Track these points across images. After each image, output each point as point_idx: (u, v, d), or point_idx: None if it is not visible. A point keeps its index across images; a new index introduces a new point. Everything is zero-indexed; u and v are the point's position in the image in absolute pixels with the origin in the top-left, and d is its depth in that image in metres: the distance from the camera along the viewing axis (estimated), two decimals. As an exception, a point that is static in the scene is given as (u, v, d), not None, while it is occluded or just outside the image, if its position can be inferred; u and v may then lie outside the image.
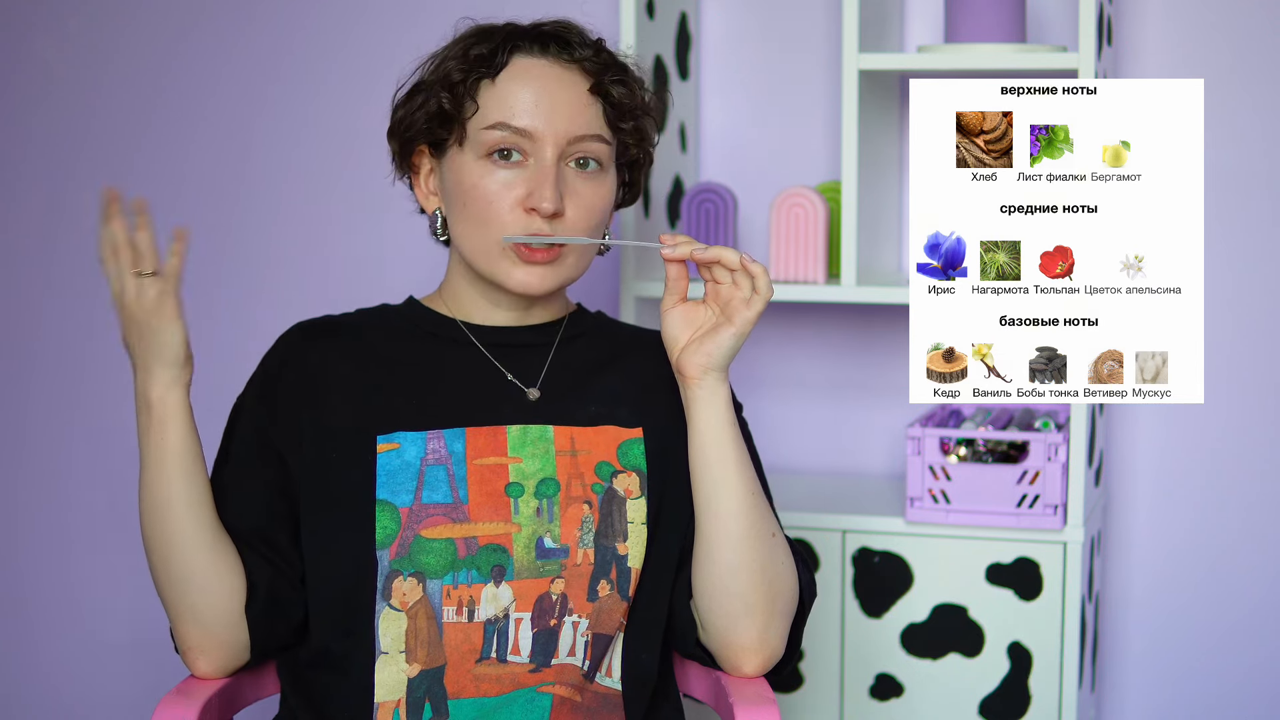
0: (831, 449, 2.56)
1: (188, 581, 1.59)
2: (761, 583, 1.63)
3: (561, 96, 1.65)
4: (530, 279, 1.64)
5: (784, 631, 1.66)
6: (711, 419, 1.62)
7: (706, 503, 1.63)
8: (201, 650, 1.62)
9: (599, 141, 1.66)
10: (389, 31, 2.61)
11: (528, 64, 1.66)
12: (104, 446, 2.82)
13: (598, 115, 1.67)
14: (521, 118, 1.63)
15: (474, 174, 1.65)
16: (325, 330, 1.72)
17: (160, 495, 1.58)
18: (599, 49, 1.70)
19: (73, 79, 2.77)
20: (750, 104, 2.56)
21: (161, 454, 1.58)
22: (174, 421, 1.58)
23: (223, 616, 1.60)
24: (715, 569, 1.63)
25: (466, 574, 1.60)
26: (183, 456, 1.58)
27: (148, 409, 1.58)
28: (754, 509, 1.63)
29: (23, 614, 2.87)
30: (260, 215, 2.72)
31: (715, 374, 1.62)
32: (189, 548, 1.59)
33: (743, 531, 1.62)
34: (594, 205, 1.66)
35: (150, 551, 1.60)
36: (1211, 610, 2.47)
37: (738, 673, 1.67)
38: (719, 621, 1.65)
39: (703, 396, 1.62)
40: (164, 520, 1.58)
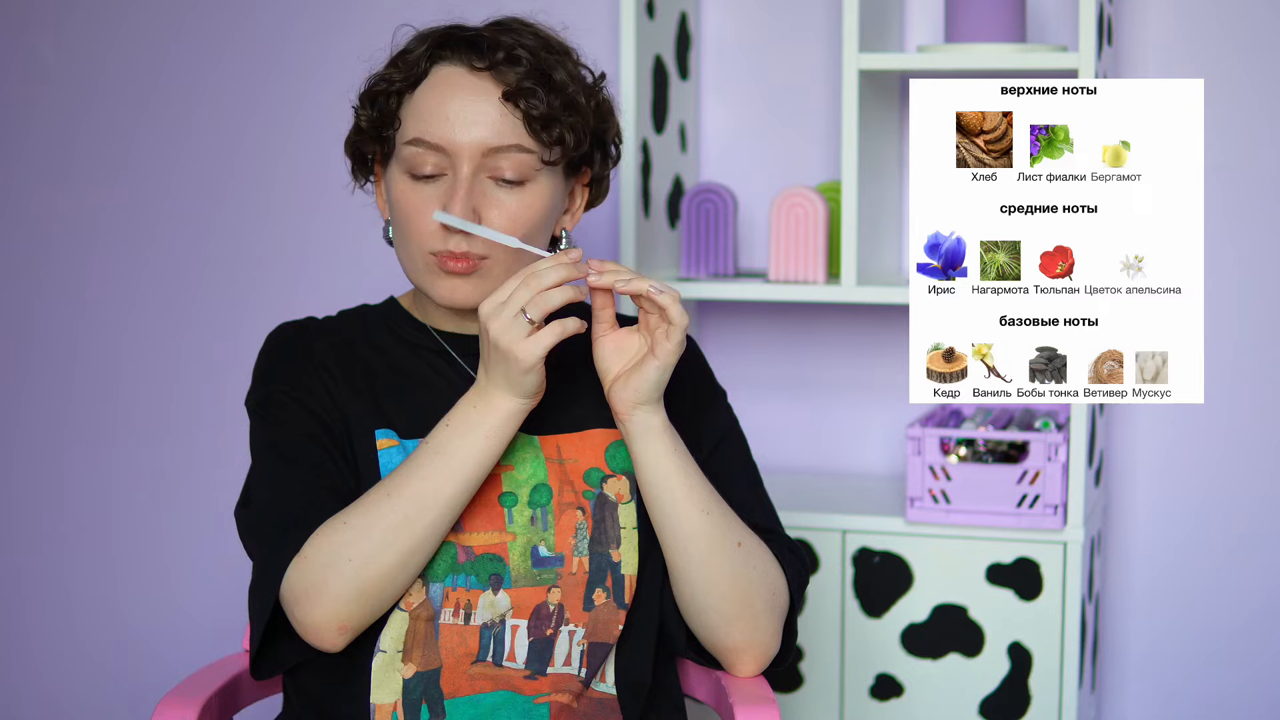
0: (832, 449, 2.56)
1: (406, 570, 1.55)
2: (733, 593, 1.62)
3: (475, 107, 1.60)
4: (455, 292, 1.61)
5: (774, 628, 1.65)
6: (649, 453, 1.60)
7: (662, 531, 1.62)
8: (354, 631, 1.56)
9: (519, 151, 1.60)
10: (385, 33, 2.61)
11: (446, 74, 1.62)
12: (102, 447, 2.82)
13: (515, 124, 1.60)
14: (434, 132, 1.60)
15: (398, 189, 1.62)
16: (314, 331, 1.71)
17: (447, 493, 1.55)
18: (513, 54, 1.61)
19: (68, 78, 2.77)
20: (750, 104, 2.56)
21: (474, 457, 1.55)
22: (500, 436, 1.55)
23: (392, 604, 1.58)
24: (686, 588, 1.63)
25: (465, 579, 1.59)
26: (485, 467, 1.56)
27: (487, 409, 1.55)
28: (711, 529, 1.61)
29: (22, 614, 2.87)
30: (256, 214, 2.72)
31: (646, 408, 1.59)
32: (429, 546, 1.56)
33: (703, 552, 1.61)
34: (519, 215, 1.61)
35: (381, 532, 1.54)
36: (1212, 610, 2.47)
37: (735, 673, 1.68)
38: (704, 632, 1.65)
39: (637, 432, 1.60)
40: (432, 517, 1.55)
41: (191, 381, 2.76)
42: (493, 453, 1.56)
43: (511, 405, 1.55)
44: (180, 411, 2.77)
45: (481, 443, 1.55)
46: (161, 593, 2.82)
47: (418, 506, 1.54)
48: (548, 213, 1.64)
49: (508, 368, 1.51)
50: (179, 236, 2.76)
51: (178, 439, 2.77)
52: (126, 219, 2.77)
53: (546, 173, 1.63)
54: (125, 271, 2.78)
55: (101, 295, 2.80)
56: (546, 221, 1.65)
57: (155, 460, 2.79)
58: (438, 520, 1.55)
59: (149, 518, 2.82)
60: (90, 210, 2.79)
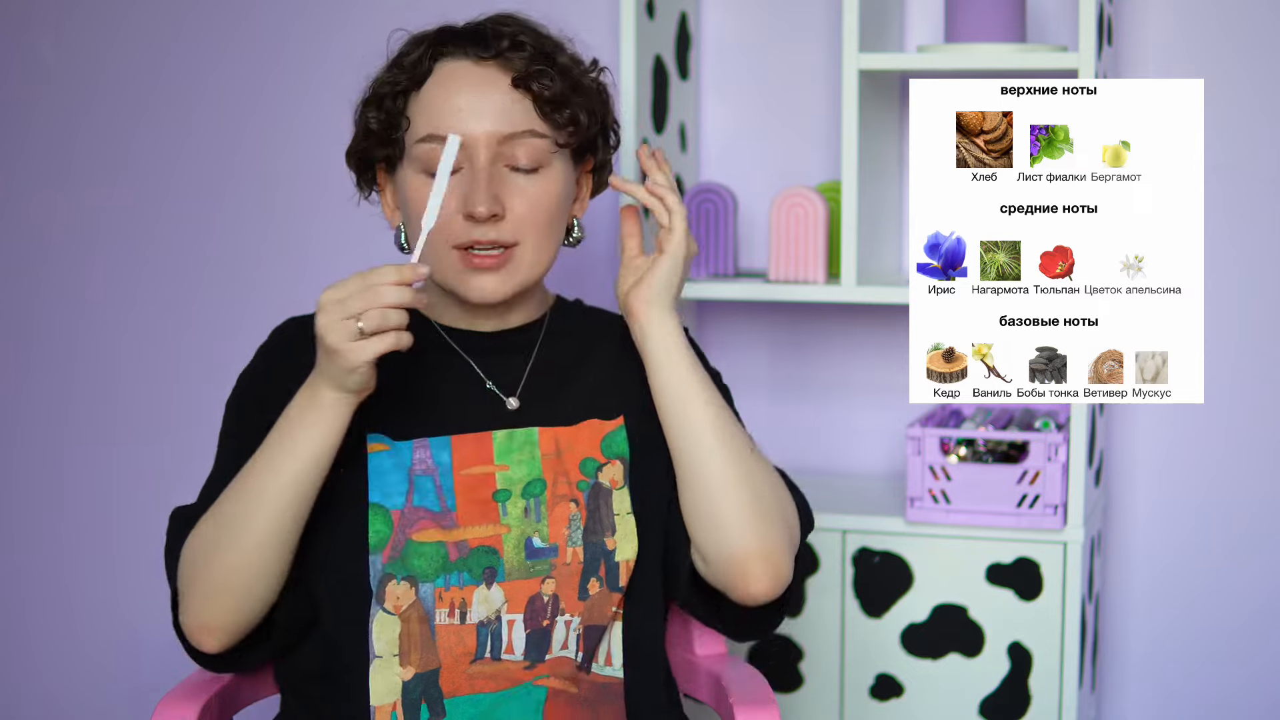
0: (832, 449, 2.56)
1: (255, 566, 1.55)
2: (746, 493, 1.61)
3: (485, 97, 1.62)
4: (486, 286, 1.63)
5: (785, 544, 1.63)
6: (662, 343, 1.63)
7: (675, 427, 1.63)
8: (223, 631, 1.58)
9: (533, 137, 1.62)
10: (382, 33, 2.61)
11: (451, 69, 1.63)
12: (102, 446, 2.82)
13: (527, 110, 1.62)
14: (448, 126, 1.60)
15: (415, 188, 1.63)
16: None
17: (277, 486, 1.55)
18: (517, 40, 1.64)
19: (68, 78, 2.77)
20: (750, 104, 2.56)
21: (304, 449, 1.54)
22: (328, 427, 1.54)
23: (262, 605, 1.58)
24: (698, 486, 1.62)
25: (458, 576, 1.59)
26: (317, 458, 1.55)
27: (312, 401, 1.54)
28: (723, 425, 1.63)
29: (22, 614, 2.87)
30: (257, 213, 2.72)
31: (660, 308, 1.64)
32: (275, 540, 1.55)
33: (715, 446, 1.61)
34: (540, 201, 1.62)
35: (226, 529, 1.56)
36: (1212, 610, 2.47)
37: (749, 597, 1.62)
38: (715, 542, 1.61)
39: (652, 331, 1.64)
40: (269, 510, 1.54)
41: (192, 381, 2.76)
42: (322, 443, 1.54)
43: (336, 398, 1.53)
44: (181, 411, 2.77)
45: (309, 434, 1.54)
46: (162, 593, 2.80)
47: (252, 501, 1.54)
48: (563, 199, 1.66)
49: (333, 364, 1.50)
50: (179, 236, 2.76)
51: (178, 439, 2.77)
52: (127, 219, 2.77)
53: (559, 158, 1.65)
54: (126, 271, 2.78)
55: (102, 295, 2.80)
56: (564, 208, 1.67)
57: (156, 460, 2.79)
58: (276, 513, 1.54)
59: (149, 518, 2.81)
60: (90, 210, 2.79)
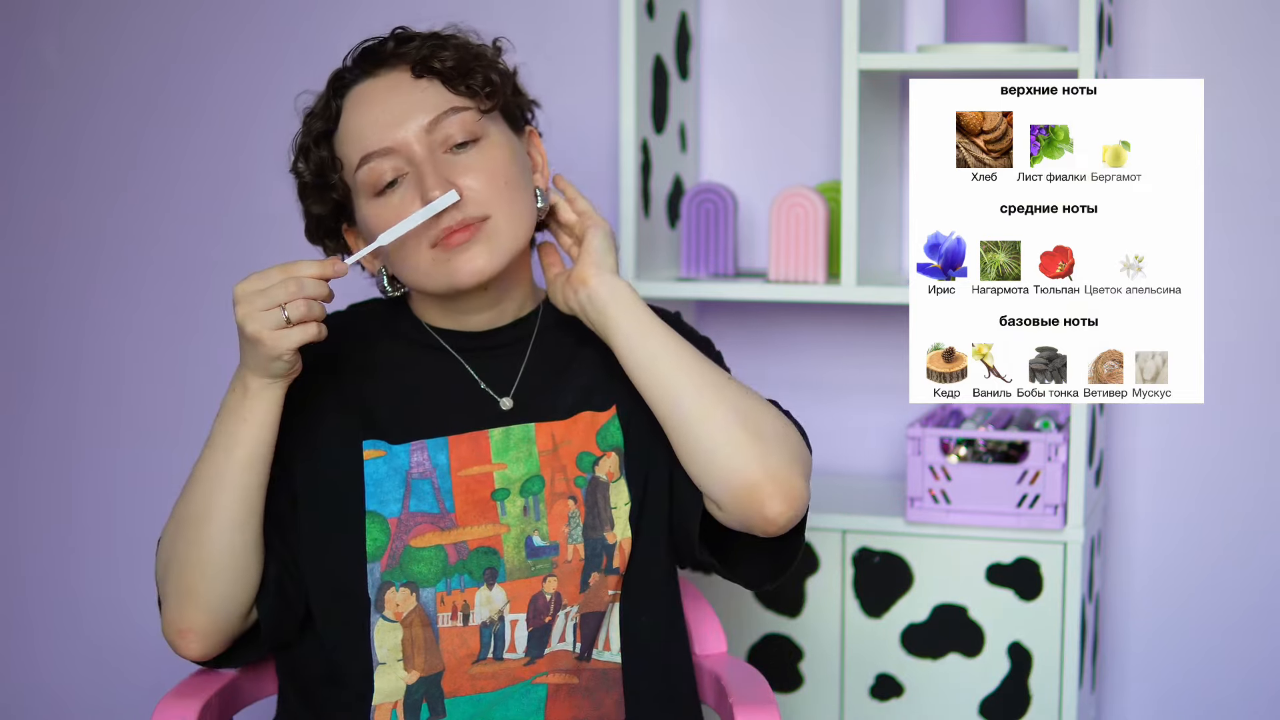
0: (832, 449, 2.56)
1: (215, 564, 1.57)
2: (738, 421, 1.60)
3: (396, 100, 1.63)
4: (476, 262, 1.62)
5: (789, 463, 1.61)
6: (619, 305, 1.63)
7: (651, 378, 1.62)
8: (200, 634, 1.59)
9: (455, 112, 1.63)
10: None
11: (356, 94, 1.66)
12: (108, 450, 2.82)
13: (439, 91, 1.64)
14: (375, 140, 1.62)
15: (373, 212, 1.64)
16: None
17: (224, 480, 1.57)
18: (402, 38, 1.67)
19: (72, 82, 2.77)
20: (750, 104, 2.56)
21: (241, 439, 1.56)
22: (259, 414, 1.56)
23: (233, 604, 1.59)
24: (685, 424, 1.60)
25: (459, 579, 1.60)
26: (256, 445, 1.57)
27: (243, 392, 1.56)
28: (698, 361, 1.63)
29: (22, 614, 2.88)
30: (262, 217, 2.72)
31: (607, 269, 1.64)
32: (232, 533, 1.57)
33: (696, 383, 1.61)
34: (490, 169, 1.63)
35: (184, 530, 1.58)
36: (1211, 610, 2.47)
37: (769, 522, 1.60)
38: (715, 472, 1.60)
39: (602, 292, 1.63)
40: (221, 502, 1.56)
41: (198, 385, 2.76)
42: (260, 431, 1.57)
43: (263, 383, 1.56)
44: (187, 415, 2.76)
45: (247, 426, 1.56)
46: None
47: (203, 499, 1.57)
48: (515, 163, 1.66)
49: (257, 352, 1.53)
50: (185, 240, 2.76)
51: (184, 443, 2.76)
52: (132, 223, 2.77)
53: (493, 124, 1.66)
54: (131, 275, 2.78)
55: (108, 299, 2.80)
56: (520, 172, 1.67)
57: (162, 464, 2.78)
58: (227, 506, 1.56)
59: (154, 520, 2.81)
60: (95, 214, 2.79)
